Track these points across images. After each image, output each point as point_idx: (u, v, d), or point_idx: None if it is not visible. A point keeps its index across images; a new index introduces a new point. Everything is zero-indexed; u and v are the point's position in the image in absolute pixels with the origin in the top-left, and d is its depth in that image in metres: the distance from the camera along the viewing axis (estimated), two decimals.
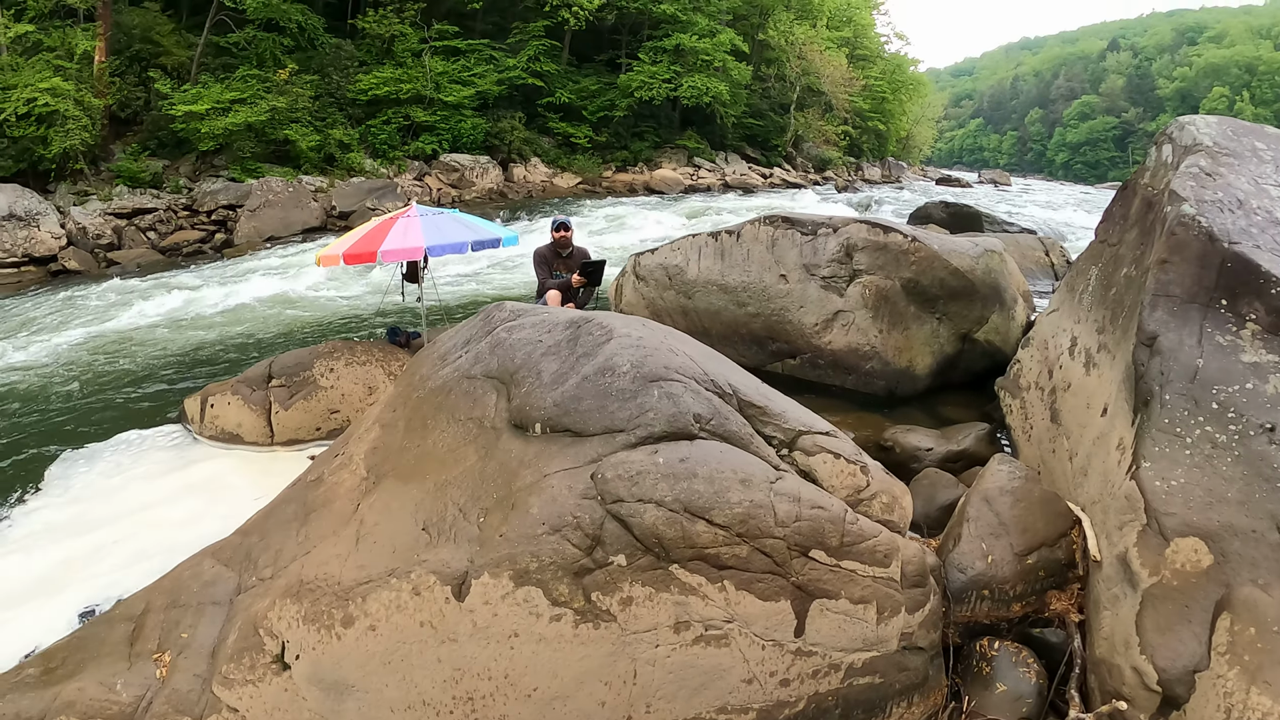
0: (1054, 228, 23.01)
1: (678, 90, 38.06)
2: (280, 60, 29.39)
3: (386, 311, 12.54)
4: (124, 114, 26.27)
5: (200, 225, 23.72)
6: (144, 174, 24.62)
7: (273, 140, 27.58)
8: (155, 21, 28.07)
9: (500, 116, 34.75)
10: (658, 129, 41.28)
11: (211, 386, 8.61)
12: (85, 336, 13.26)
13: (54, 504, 7.16)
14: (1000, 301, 8.15)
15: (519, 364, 4.42)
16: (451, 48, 34.42)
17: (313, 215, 24.63)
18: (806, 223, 8.60)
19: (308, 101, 28.82)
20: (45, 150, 22.21)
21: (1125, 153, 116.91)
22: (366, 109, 32.12)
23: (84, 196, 22.86)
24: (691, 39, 38.35)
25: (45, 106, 21.77)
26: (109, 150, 25.12)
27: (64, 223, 21.29)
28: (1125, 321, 4.95)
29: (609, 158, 38.87)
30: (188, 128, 25.43)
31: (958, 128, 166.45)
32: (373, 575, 3.84)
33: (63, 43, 23.69)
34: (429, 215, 8.82)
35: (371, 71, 32.42)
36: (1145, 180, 5.85)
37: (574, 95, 38.05)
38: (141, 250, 21.72)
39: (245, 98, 26.64)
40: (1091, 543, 4.29)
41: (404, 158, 31.87)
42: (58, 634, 4.79)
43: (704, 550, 3.62)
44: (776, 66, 47.45)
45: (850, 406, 7.66)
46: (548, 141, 37.32)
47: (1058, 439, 5.61)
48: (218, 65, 28.74)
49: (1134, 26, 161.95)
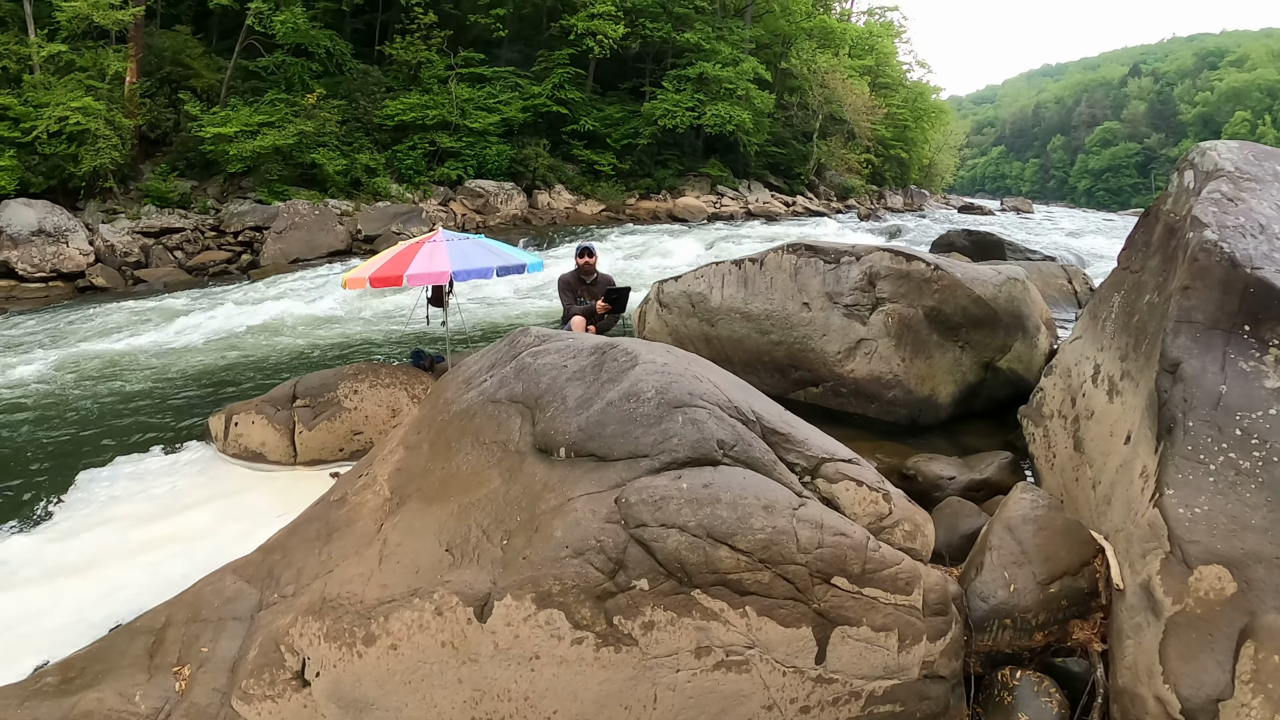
0: (1077, 255, 22.92)
1: (701, 118, 38.11)
2: (308, 85, 29.76)
3: (411, 335, 12.63)
4: (154, 134, 26.70)
5: (227, 246, 23.99)
6: (172, 194, 24.97)
7: (300, 163, 27.90)
8: (186, 44, 28.56)
9: (525, 143, 34.95)
10: (681, 157, 41.39)
11: (236, 405, 8.69)
12: (111, 353, 13.44)
13: (77, 516, 7.24)
14: (1023, 329, 8.12)
15: (544, 389, 4.46)
16: (477, 75, 34.71)
17: (338, 238, 24.84)
18: (829, 251, 8.62)
19: (335, 126, 29.14)
20: (75, 168, 22.60)
21: (1148, 179, 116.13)
22: (393, 134, 32.43)
23: (113, 215, 23.22)
24: (715, 68, 38.46)
25: (76, 125, 22.17)
26: (138, 170, 25.52)
27: (92, 240, 21.60)
28: (1148, 348, 4.94)
29: (633, 185, 38.93)
30: (216, 149, 25.78)
31: (980, 155, 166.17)
32: (395, 594, 3.88)
33: (95, 63, 24.13)
34: (454, 240, 8.88)
35: (398, 97, 32.74)
36: (1167, 206, 5.83)
37: (598, 123, 38.20)
38: (168, 269, 21.99)
39: (273, 121, 26.99)
40: (1114, 571, 4.25)
41: (429, 183, 32.11)
42: (77, 645, 4.84)
43: (726, 576, 3.63)
44: (799, 95, 47.53)
45: (872, 435, 7.63)
46: (572, 169, 37.48)
47: (1081, 467, 5.58)
48: (247, 89, 29.18)
49: (1155, 51, 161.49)
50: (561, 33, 36.73)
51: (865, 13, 65.26)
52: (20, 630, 5.49)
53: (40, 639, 5.33)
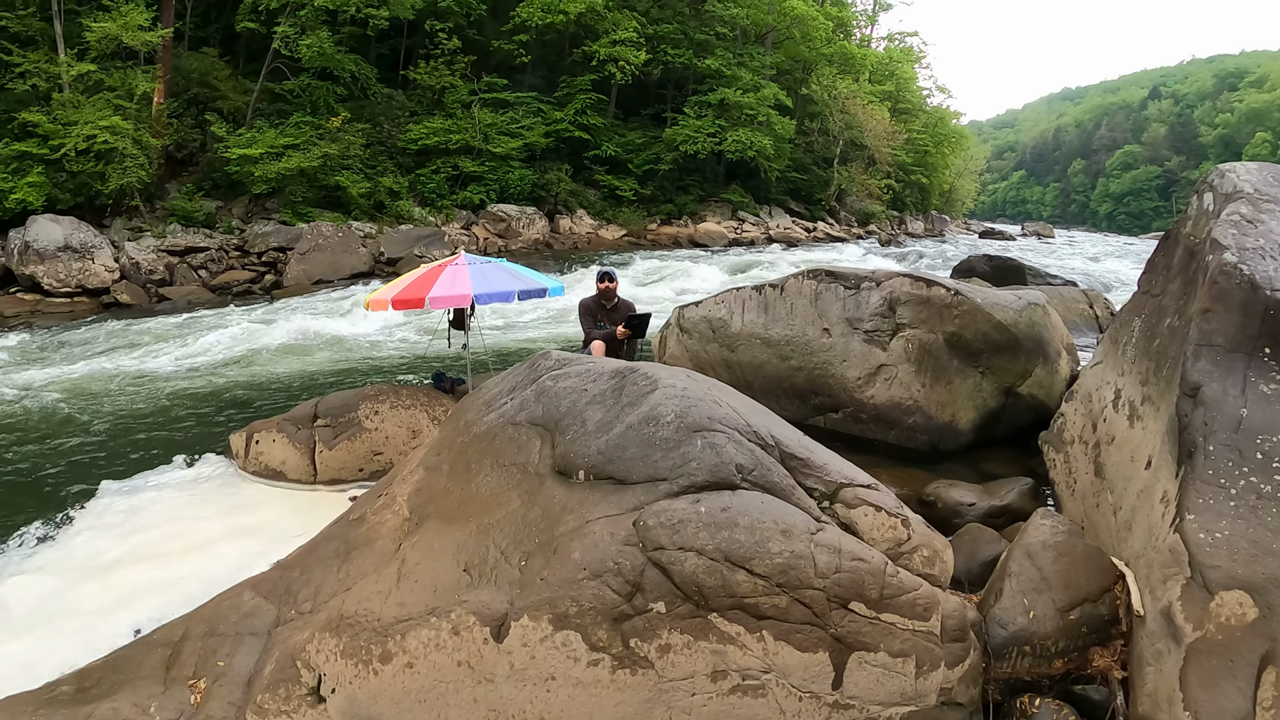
0: (1097, 279, 22.88)
1: (722, 144, 38.28)
2: (333, 108, 30.12)
3: (432, 357, 12.70)
4: (180, 154, 27.11)
5: (250, 266, 24.23)
6: (197, 213, 25.29)
7: (324, 186, 28.19)
8: (213, 66, 29.00)
9: (547, 168, 35.20)
10: (702, 182, 41.55)
11: (257, 423, 8.76)
12: (134, 368, 13.60)
13: (98, 526, 7.30)
14: (1044, 355, 8.10)
15: (564, 412, 4.49)
16: (500, 100, 34.99)
17: (361, 260, 25.05)
18: (850, 276, 8.63)
19: (359, 149, 29.44)
20: (103, 186, 22.96)
21: (1169, 202, 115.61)
22: (416, 158, 32.72)
23: (138, 232, 23.54)
24: (736, 94, 38.67)
25: (104, 144, 22.54)
26: (164, 189, 25.87)
27: (118, 257, 21.89)
28: (1169, 373, 4.91)
29: (654, 210, 39.09)
30: (241, 170, 26.11)
31: (1000, 180, 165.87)
32: (413, 613, 3.90)
33: (123, 83, 24.50)
34: (477, 264, 8.93)
35: (422, 122, 33.05)
36: (1187, 229, 5.82)
37: (620, 148, 38.42)
38: (192, 288, 22.22)
39: (298, 143, 27.29)
40: (1135, 597, 4.22)
41: (452, 207, 32.34)
42: (93, 654, 4.87)
43: (743, 600, 3.64)
44: (820, 120, 47.62)
45: (892, 461, 7.61)
46: (594, 194, 37.68)
47: (1101, 493, 5.55)
48: (272, 111, 29.55)
49: (1175, 73, 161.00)
50: (584, 59, 37.09)
51: (885, 38, 65.70)
52: (37, 637, 5.53)
53: (57, 647, 5.35)
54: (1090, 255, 37.07)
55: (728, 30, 43.22)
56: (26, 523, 7.37)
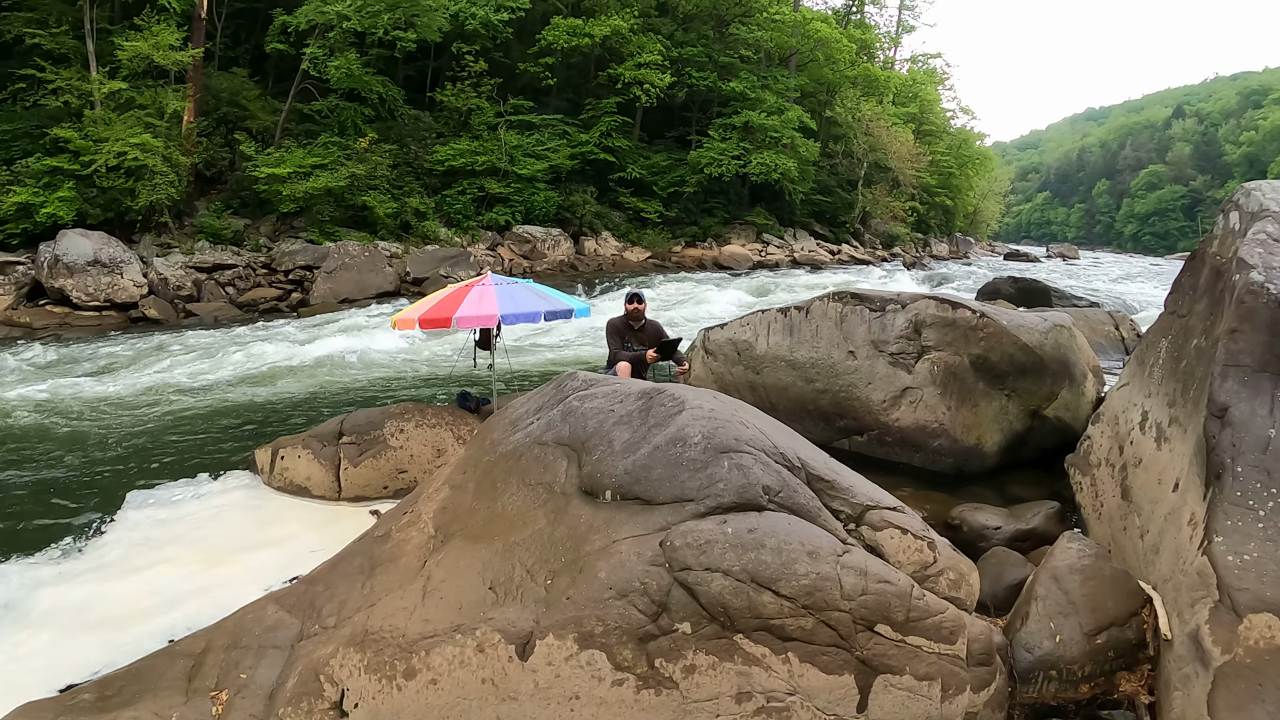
0: (1123, 301, 22.69)
1: (747, 167, 38.37)
2: (361, 129, 30.45)
3: (458, 377, 12.76)
4: (209, 173, 27.49)
5: (277, 284, 24.48)
6: (225, 231, 25.63)
7: (351, 205, 28.48)
8: (242, 86, 29.45)
9: (572, 190, 35.41)
10: (727, 205, 41.64)
11: (283, 439, 8.82)
12: (160, 382, 13.76)
13: (123, 537, 7.36)
14: (1070, 377, 8.05)
15: (591, 432, 4.52)
16: (526, 122, 35.29)
17: (387, 280, 25.25)
18: (875, 299, 8.61)
19: (386, 170, 29.72)
20: (132, 202, 23.33)
21: (1194, 222, 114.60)
22: (443, 179, 33.01)
23: (167, 249, 23.87)
24: (760, 116, 38.76)
25: (135, 161, 22.93)
26: (193, 206, 26.25)
27: (146, 272, 22.18)
28: (1196, 394, 4.87)
29: (679, 233, 39.19)
30: (269, 189, 26.45)
31: (1025, 201, 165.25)
32: (437, 630, 3.92)
33: (154, 101, 24.93)
34: (503, 284, 8.97)
35: (448, 143, 33.35)
36: (1213, 249, 5.77)
37: (645, 171, 38.59)
38: (219, 304, 22.49)
39: (326, 163, 27.62)
40: (1163, 621, 4.18)
41: (478, 228, 32.57)
42: (115, 663, 4.92)
43: (769, 621, 3.64)
44: (844, 143, 47.67)
45: (917, 484, 7.57)
46: (619, 216, 37.83)
47: (1129, 516, 5.50)
48: (301, 131, 29.93)
49: (1198, 92, 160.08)
50: (609, 82, 37.37)
51: (908, 60, 65.67)
52: (60, 644, 5.58)
53: (80, 655, 5.40)
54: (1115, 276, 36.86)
55: (752, 53, 43.41)
56: (54, 532, 7.46)
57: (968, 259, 54.17)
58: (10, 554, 6.99)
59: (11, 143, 23.52)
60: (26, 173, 22.49)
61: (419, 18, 29.17)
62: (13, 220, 21.99)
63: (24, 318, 19.95)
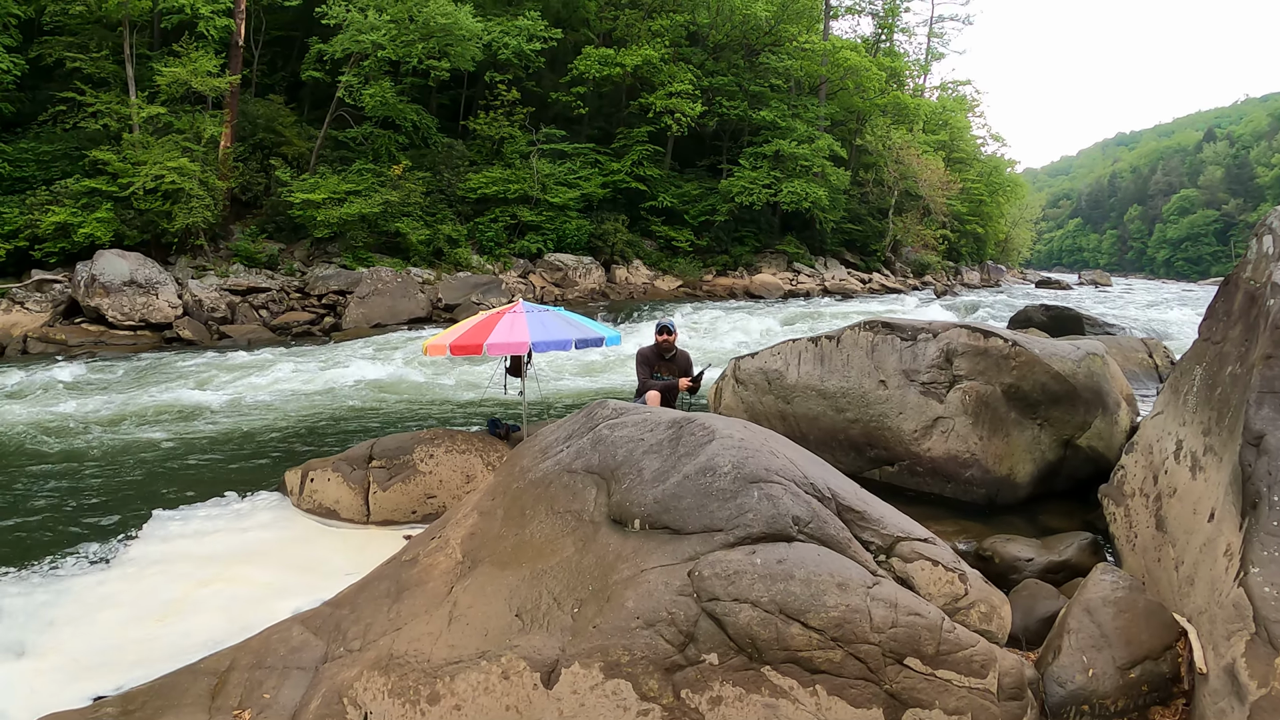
0: (1157, 328, 22.45)
1: (777, 195, 38.45)
2: (395, 156, 30.93)
3: (488, 403, 12.81)
4: (245, 197, 28.10)
5: (310, 308, 24.84)
6: (260, 255, 26.11)
7: (384, 231, 28.88)
8: (279, 113, 30.08)
9: (604, 218, 35.69)
10: (758, 233, 41.73)
11: (313, 462, 8.90)
12: (192, 402, 13.95)
13: (150, 553, 7.44)
14: (1103, 406, 7.94)
15: (620, 460, 4.52)
16: (558, 151, 35.64)
17: (419, 306, 25.52)
18: (906, 328, 8.56)
19: (419, 197, 30.13)
20: (169, 224, 23.93)
21: (1227, 246, 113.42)
22: (475, 206, 33.40)
23: (202, 271, 24.37)
24: (791, 145, 38.84)
25: (172, 184, 23.54)
26: (228, 230, 26.81)
27: (181, 293, 22.63)
28: (1231, 421, 4.79)
29: (709, 261, 39.35)
30: (304, 214, 26.91)
31: (1056, 228, 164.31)
32: (463, 656, 3.92)
33: (191, 126, 25.61)
34: (535, 312, 9.01)
35: (481, 171, 33.78)
36: (1247, 274, 5.68)
37: (676, 199, 38.81)
38: (253, 327, 22.83)
39: (360, 190, 28.05)
40: (1198, 654, 4.09)
41: (509, 255, 32.88)
42: (139, 678, 4.95)
43: (797, 653, 3.60)
44: (874, 171, 47.61)
45: (949, 514, 7.49)
46: (650, 244, 38.07)
47: (1163, 547, 5.40)
48: (335, 157, 30.45)
49: (1229, 114, 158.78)
50: (640, 111, 37.73)
51: (938, 88, 65.65)
52: (84, 659, 5.62)
53: (103, 669, 5.44)
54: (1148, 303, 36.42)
55: (782, 82, 43.62)
56: (82, 546, 7.57)
57: (999, 287, 53.82)
58: (38, 566, 7.13)
59: (51, 163, 24.26)
60: (65, 193, 23.16)
61: (452, 47, 29.67)
62: (51, 239, 22.65)
63: (60, 335, 20.42)
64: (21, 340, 20.13)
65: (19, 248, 22.66)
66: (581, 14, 38.89)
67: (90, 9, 24.55)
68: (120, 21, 24.98)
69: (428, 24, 28.41)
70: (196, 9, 25.41)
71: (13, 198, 23.26)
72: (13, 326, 20.85)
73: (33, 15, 24.84)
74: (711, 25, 42.17)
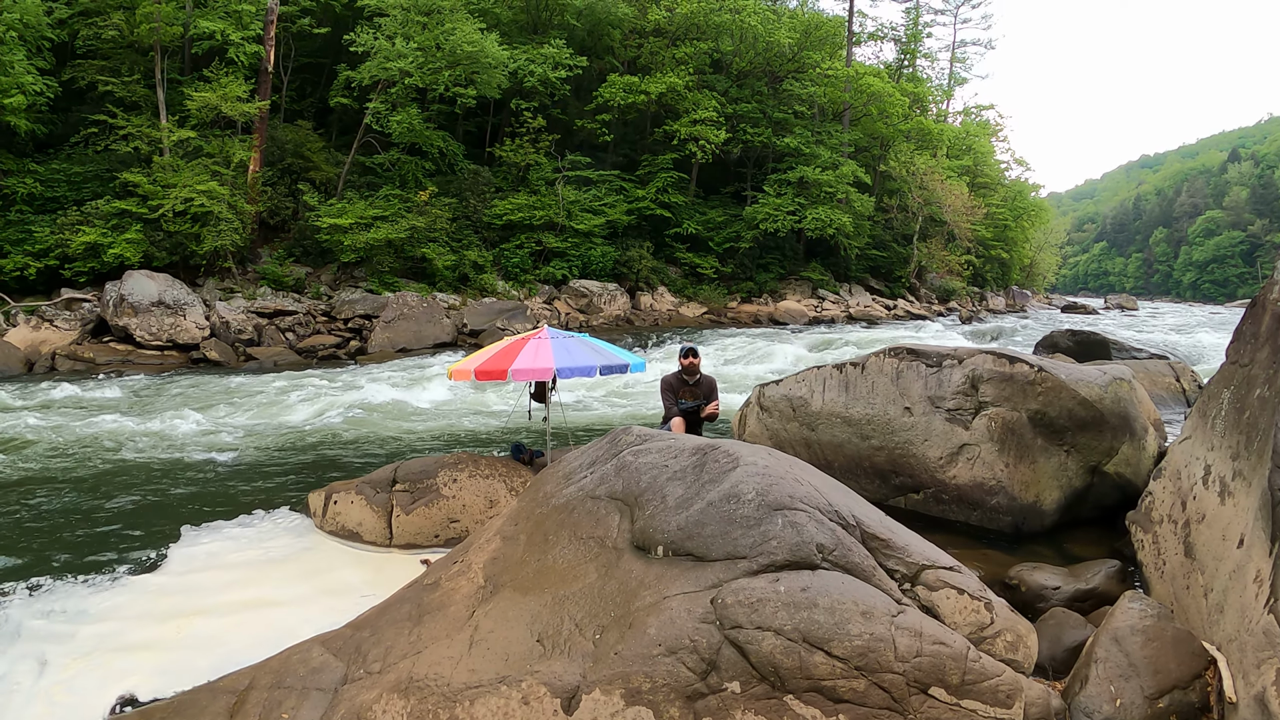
0: (1184, 351, 22.22)
1: (802, 222, 38.39)
2: (421, 182, 31.21)
3: (512, 428, 12.84)
4: (273, 221, 28.47)
5: (336, 331, 25.04)
6: (287, 278, 26.39)
7: (410, 257, 29.13)
8: (307, 138, 30.49)
9: (629, 245, 35.82)
10: (782, 260, 41.72)
11: (336, 484, 8.94)
12: (217, 422, 14.10)
13: (174, 573, 7.51)
14: (1130, 431, 7.86)
15: (644, 487, 4.52)
16: (583, 178, 35.86)
17: (444, 331, 25.70)
18: (931, 354, 8.52)
19: (445, 222, 30.38)
20: (197, 246, 24.28)
21: (1254, 268, 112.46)
22: (501, 233, 33.63)
23: (229, 293, 24.67)
24: (815, 171, 38.91)
25: (201, 207, 23.96)
26: (256, 253, 27.15)
27: (209, 315, 22.96)
28: (1260, 445, 4.72)
29: (734, 288, 39.39)
30: (331, 239, 27.23)
31: (1081, 252, 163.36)
32: (483, 680, 3.92)
33: (221, 150, 26.06)
34: (559, 338, 9.03)
35: (507, 197, 34.04)
36: (1274, 295, 5.61)
37: (701, 226, 38.95)
38: (279, 349, 23.05)
39: (387, 215, 28.34)
40: (1227, 683, 4.03)
41: (535, 281, 33.06)
42: (157, 693, 5.01)
43: (820, 682, 3.58)
44: (898, 197, 47.53)
45: (974, 542, 7.43)
46: (674, 271, 38.16)
47: (1192, 574, 5.32)
48: (362, 183, 30.81)
49: (1253, 134, 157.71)
50: (665, 138, 37.93)
51: (961, 113, 65.61)
52: (106, 672, 5.66)
53: (125, 683, 5.48)
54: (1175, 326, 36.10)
55: (805, 108, 43.78)
56: (107, 561, 7.66)
57: (1025, 312, 53.57)
58: (63, 580, 7.21)
59: (82, 184, 24.73)
60: (96, 214, 23.60)
61: (479, 75, 30.01)
62: (81, 259, 23.06)
63: (88, 353, 20.76)
64: (50, 357, 20.48)
65: (49, 266, 23.07)
66: (606, 42, 39.23)
67: (123, 34, 25.15)
68: (152, 46, 25.55)
69: (454, 52, 28.82)
70: (227, 35, 25.94)
71: (44, 217, 23.72)
72: (42, 344, 21.19)
73: (66, 39, 25.42)
74: (735, 53, 42.42)
